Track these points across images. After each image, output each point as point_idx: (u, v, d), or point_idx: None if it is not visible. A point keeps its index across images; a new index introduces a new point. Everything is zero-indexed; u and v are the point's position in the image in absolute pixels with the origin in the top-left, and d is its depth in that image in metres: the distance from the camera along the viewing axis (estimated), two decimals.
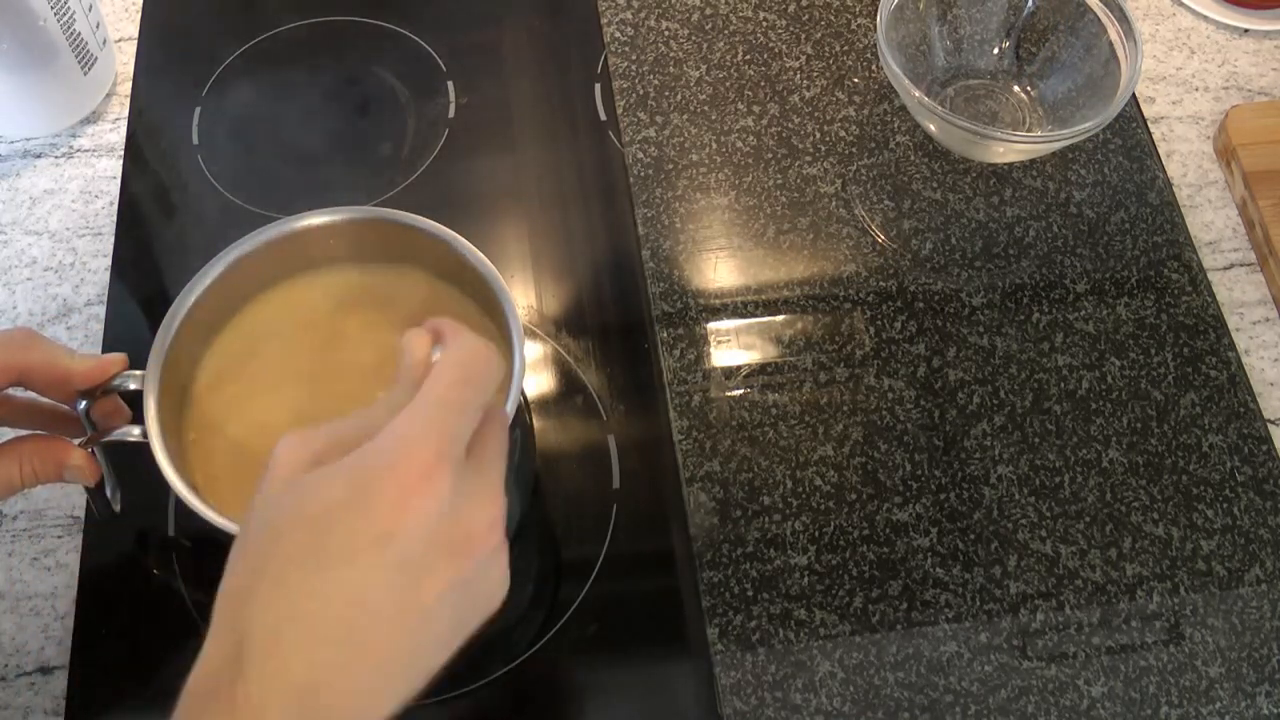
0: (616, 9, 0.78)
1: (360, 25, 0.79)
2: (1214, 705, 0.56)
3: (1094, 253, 0.69)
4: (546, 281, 0.68)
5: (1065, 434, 0.63)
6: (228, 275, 0.52)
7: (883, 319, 0.66)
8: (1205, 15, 0.79)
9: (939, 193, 0.71)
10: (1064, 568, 0.59)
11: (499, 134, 0.74)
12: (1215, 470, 0.62)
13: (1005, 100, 0.73)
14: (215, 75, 0.76)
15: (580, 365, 0.65)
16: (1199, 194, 0.72)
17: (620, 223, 0.70)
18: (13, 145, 0.73)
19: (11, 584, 0.59)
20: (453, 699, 0.56)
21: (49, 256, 0.69)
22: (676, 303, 0.67)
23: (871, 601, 0.58)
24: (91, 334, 0.66)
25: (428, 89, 0.76)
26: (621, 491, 0.61)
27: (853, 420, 0.63)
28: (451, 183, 0.72)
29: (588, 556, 0.60)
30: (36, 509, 0.61)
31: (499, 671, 0.57)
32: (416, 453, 0.36)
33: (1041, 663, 0.57)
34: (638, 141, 0.72)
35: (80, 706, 0.55)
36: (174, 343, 0.50)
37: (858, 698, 0.56)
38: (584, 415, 0.64)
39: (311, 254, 0.54)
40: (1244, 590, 0.59)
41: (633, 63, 0.76)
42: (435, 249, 0.53)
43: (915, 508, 0.61)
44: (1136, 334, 0.66)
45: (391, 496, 0.35)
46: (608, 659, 0.57)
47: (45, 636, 0.57)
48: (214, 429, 0.52)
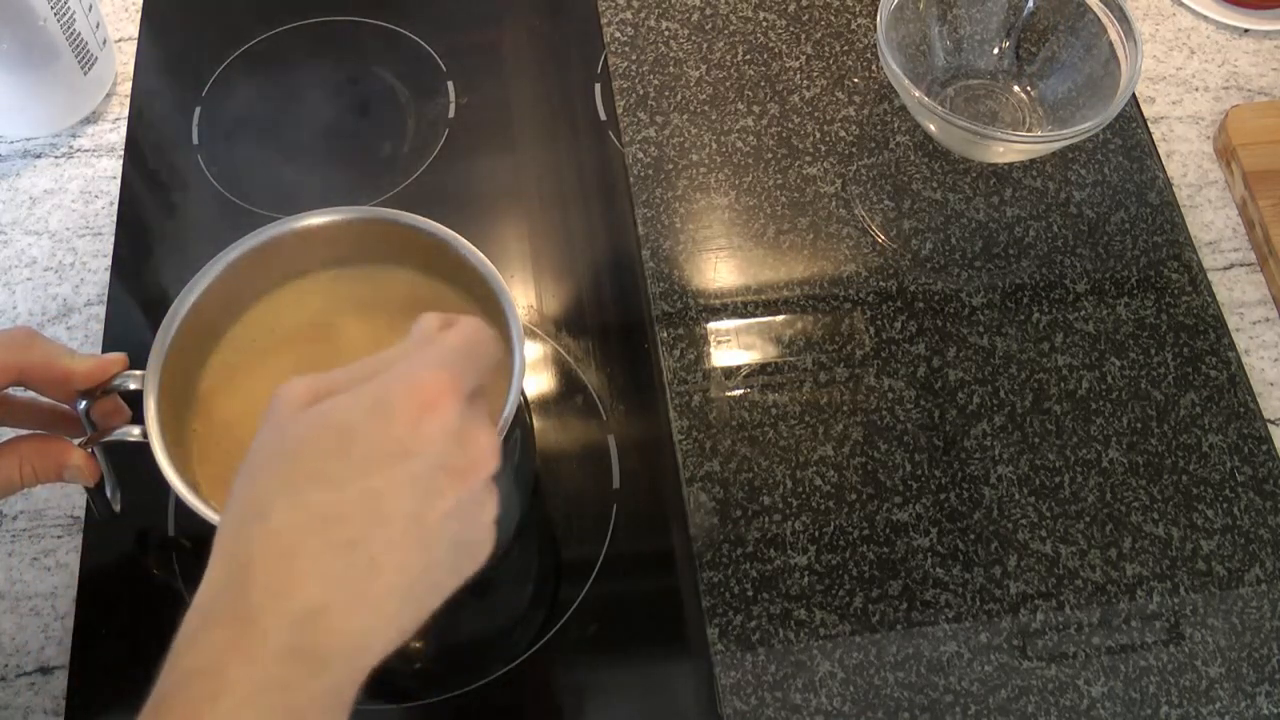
0: (616, 9, 0.78)
1: (360, 25, 0.79)
2: (1214, 705, 0.56)
3: (1094, 253, 0.69)
4: (546, 281, 0.68)
5: (1065, 434, 0.63)
6: (228, 276, 0.52)
7: (883, 319, 0.66)
8: (1205, 15, 0.79)
9: (939, 193, 0.71)
10: (1064, 568, 0.59)
11: (499, 134, 0.74)
12: (1215, 470, 0.62)
13: (1005, 100, 0.73)
14: (215, 75, 0.76)
15: (580, 365, 0.65)
16: (1199, 194, 0.72)
17: (620, 223, 0.70)
18: (13, 145, 0.73)
19: (11, 584, 0.59)
20: (453, 698, 0.56)
21: (49, 256, 0.69)
22: (676, 303, 0.67)
23: (871, 601, 0.58)
24: (91, 334, 0.66)
25: (428, 89, 0.76)
26: (621, 491, 0.61)
27: (853, 420, 0.63)
28: (451, 183, 0.72)
29: (588, 556, 0.60)
30: (36, 509, 0.61)
31: (499, 671, 0.57)
32: (432, 378, 0.38)
33: (1041, 663, 0.57)
34: (638, 141, 0.72)
35: (80, 706, 0.55)
36: (174, 344, 0.50)
37: (858, 698, 0.56)
38: (584, 415, 0.64)
39: (312, 254, 0.54)
40: (1244, 590, 0.59)
41: (633, 63, 0.76)
42: (435, 249, 0.53)
43: (915, 508, 0.61)
44: (1136, 334, 0.66)
45: (411, 413, 0.37)
46: (608, 659, 0.57)
47: (45, 636, 0.57)
48: (215, 429, 0.52)
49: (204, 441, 0.52)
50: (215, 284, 0.52)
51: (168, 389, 0.50)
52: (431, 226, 0.53)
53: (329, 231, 0.54)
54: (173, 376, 0.50)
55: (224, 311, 0.54)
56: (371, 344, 0.54)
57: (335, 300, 0.55)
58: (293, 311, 0.55)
